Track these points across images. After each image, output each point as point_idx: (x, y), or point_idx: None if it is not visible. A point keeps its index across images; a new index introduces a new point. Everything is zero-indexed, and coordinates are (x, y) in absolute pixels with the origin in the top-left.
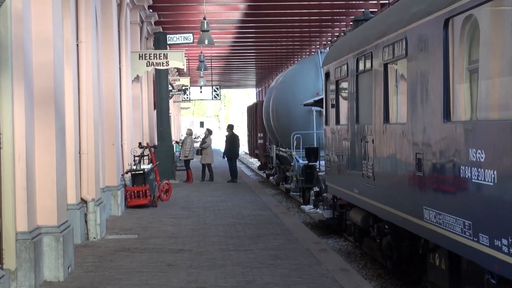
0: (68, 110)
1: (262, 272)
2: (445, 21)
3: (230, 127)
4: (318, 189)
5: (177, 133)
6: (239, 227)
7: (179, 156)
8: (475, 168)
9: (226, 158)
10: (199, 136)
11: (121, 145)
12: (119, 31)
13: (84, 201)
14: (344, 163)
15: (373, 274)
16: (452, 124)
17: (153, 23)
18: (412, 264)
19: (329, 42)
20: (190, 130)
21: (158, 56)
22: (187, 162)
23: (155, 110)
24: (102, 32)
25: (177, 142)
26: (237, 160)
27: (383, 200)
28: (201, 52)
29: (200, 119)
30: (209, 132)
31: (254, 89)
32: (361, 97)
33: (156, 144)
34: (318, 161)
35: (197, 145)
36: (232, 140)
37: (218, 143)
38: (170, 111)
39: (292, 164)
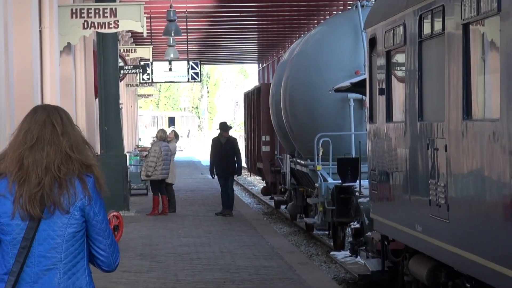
0: None
1: None
2: None
3: (223, 127)
4: (358, 226)
5: (133, 135)
6: (231, 287)
7: (140, 173)
8: None
9: (217, 177)
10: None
11: None
12: None
13: None
14: (400, 184)
15: None
16: None
17: None
18: None
19: None
20: (163, 132)
21: (101, 13)
22: (155, 183)
23: (97, 99)
24: None
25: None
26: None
27: (462, 242)
28: (170, 6)
29: (168, 114)
30: (175, 135)
31: (255, 65)
32: (427, 78)
33: (99, 153)
34: (358, 181)
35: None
36: (230, 148)
37: (200, 151)
38: (121, 101)
39: (317, 185)
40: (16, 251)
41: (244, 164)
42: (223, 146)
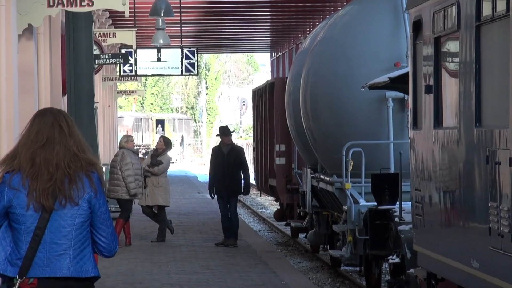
0: None
1: None
2: None
3: (223, 131)
4: (397, 260)
5: (111, 143)
6: None
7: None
8: None
9: (216, 197)
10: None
11: None
12: None
13: None
14: (451, 207)
15: None
16: None
17: None
18: None
19: None
20: (129, 138)
21: None
22: (124, 203)
23: (65, 97)
24: None
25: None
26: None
27: None
28: None
29: (156, 116)
30: (166, 143)
31: (268, 54)
32: (487, 72)
33: None
34: (398, 203)
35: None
36: (235, 159)
37: (196, 164)
38: (95, 99)
39: (345, 208)
40: (30, 239)
41: (252, 180)
42: (225, 157)
